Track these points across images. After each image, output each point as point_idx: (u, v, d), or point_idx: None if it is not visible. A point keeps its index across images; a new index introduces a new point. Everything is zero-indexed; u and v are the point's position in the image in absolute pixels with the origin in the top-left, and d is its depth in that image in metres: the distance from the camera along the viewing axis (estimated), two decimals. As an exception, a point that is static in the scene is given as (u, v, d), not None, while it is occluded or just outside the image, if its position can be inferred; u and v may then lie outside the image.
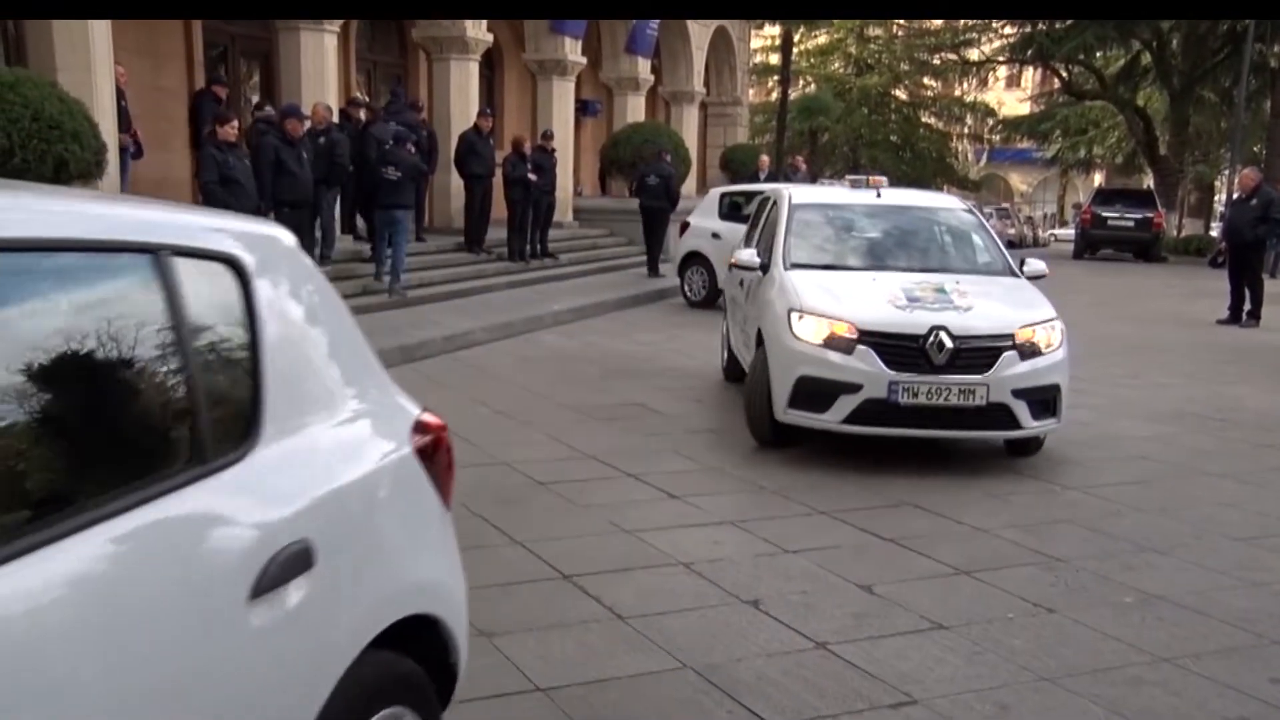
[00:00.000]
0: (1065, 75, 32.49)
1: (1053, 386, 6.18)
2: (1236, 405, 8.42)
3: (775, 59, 33.04)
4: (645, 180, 15.69)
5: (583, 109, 21.40)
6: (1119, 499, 5.78)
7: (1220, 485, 6.15)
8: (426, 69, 16.26)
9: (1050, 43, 28.46)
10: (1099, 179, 43.14)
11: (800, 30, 32.18)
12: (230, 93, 13.02)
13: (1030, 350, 6.10)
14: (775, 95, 31.92)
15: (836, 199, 7.87)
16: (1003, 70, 37.31)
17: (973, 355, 5.97)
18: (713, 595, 4.26)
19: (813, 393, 6.10)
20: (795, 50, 31.92)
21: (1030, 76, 42.68)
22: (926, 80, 37.94)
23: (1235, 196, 15.23)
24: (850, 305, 6.25)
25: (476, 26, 14.95)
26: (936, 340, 5.93)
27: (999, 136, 39.54)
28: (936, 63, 36.28)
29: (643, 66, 20.45)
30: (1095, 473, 6.31)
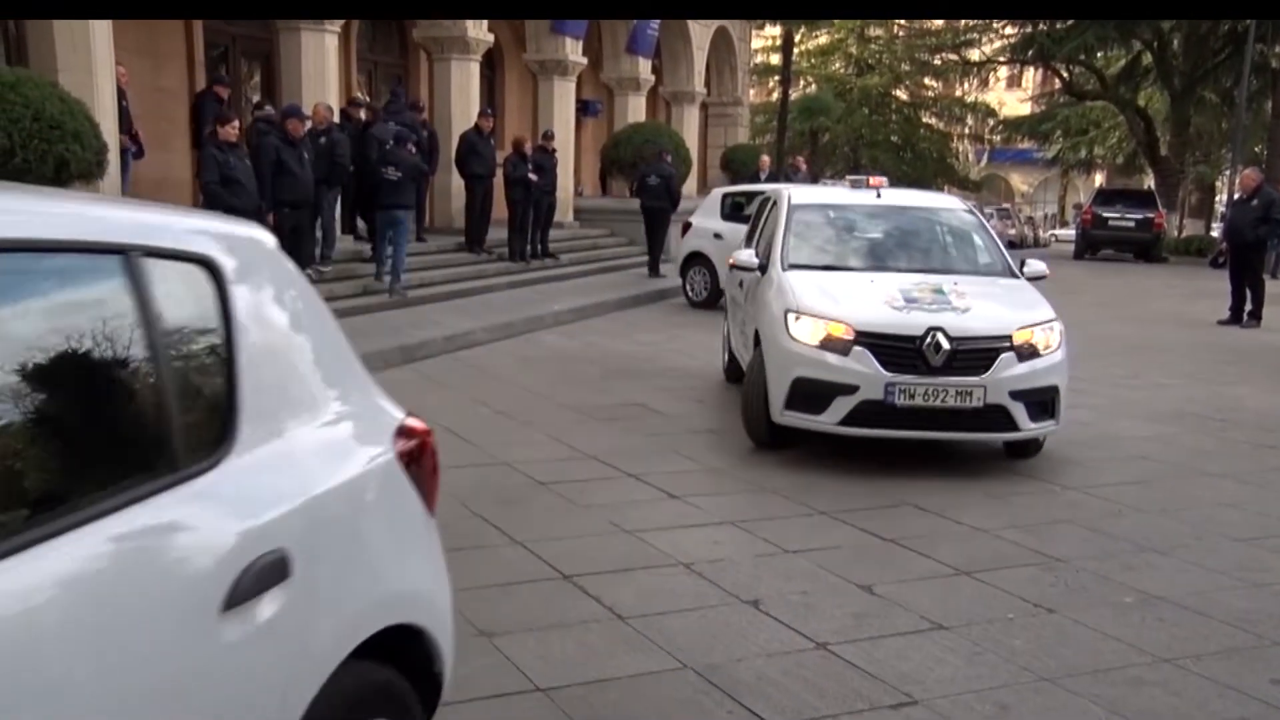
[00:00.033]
0: (1066, 75, 32.44)
1: (1051, 388, 6.15)
2: (1237, 405, 8.42)
3: (776, 59, 33.06)
4: (646, 180, 15.69)
5: (583, 109, 21.39)
6: (1119, 499, 5.78)
7: (1220, 485, 6.15)
8: (427, 69, 16.27)
9: (1051, 43, 28.41)
10: (1100, 179, 43.03)
11: (801, 30, 32.20)
12: (231, 93, 13.02)
13: (1028, 351, 6.07)
14: (776, 95, 31.94)
15: (836, 199, 7.85)
16: (1003, 70, 37.19)
17: (970, 356, 5.94)
18: (713, 595, 4.26)
19: (809, 394, 6.07)
20: (796, 50, 31.94)
21: (1031, 77, 42.58)
22: (927, 80, 37.93)
23: (1236, 197, 15.23)
24: (847, 306, 6.23)
25: (477, 26, 14.95)
26: (933, 341, 5.91)
27: (1000, 137, 39.53)
28: (937, 63, 36.29)
29: (643, 67, 20.45)
30: (1095, 473, 6.31)
